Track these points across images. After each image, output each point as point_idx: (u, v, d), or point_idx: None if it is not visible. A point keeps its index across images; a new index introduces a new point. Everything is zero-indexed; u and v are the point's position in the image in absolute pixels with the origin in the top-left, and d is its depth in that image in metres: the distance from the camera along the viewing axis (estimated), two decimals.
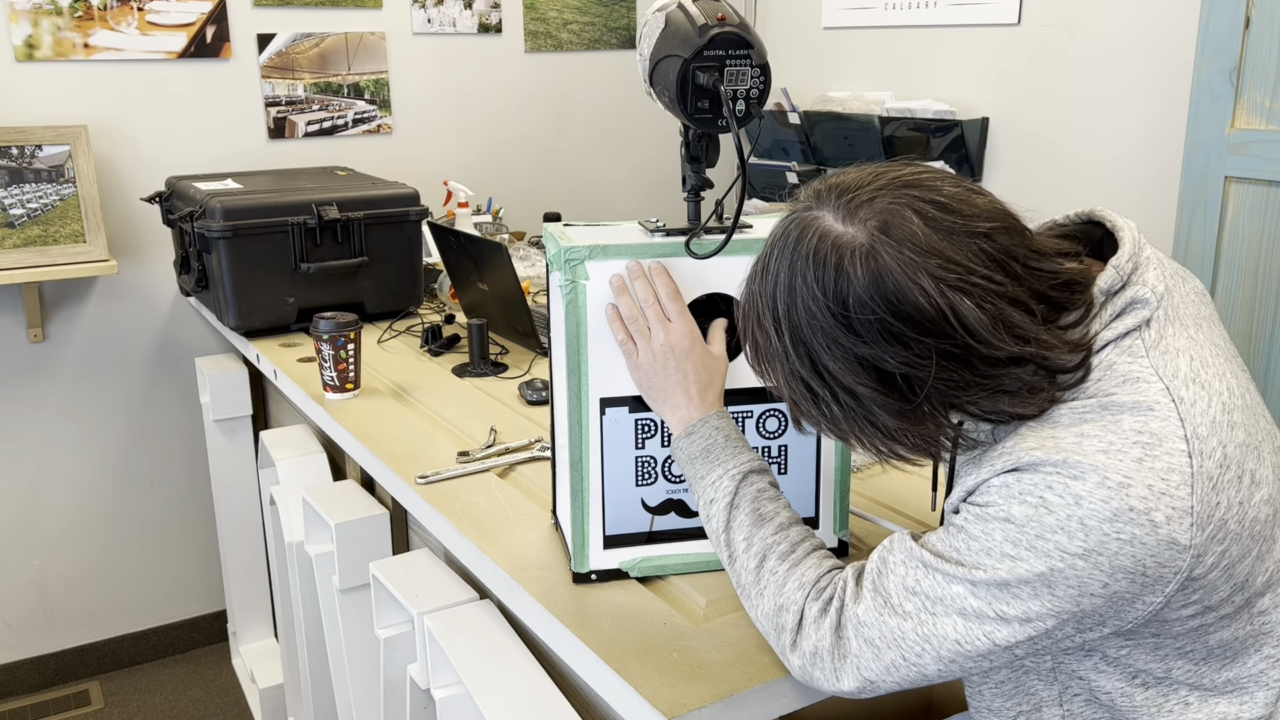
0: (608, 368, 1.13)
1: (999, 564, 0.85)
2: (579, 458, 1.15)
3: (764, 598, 0.98)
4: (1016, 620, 0.85)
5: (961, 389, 0.86)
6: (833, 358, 0.87)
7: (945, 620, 0.87)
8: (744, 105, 1.09)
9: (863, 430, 0.91)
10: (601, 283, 1.11)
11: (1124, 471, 0.82)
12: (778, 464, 1.20)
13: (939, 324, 0.83)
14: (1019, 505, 0.84)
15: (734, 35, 1.07)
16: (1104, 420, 0.85)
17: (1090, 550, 0.82)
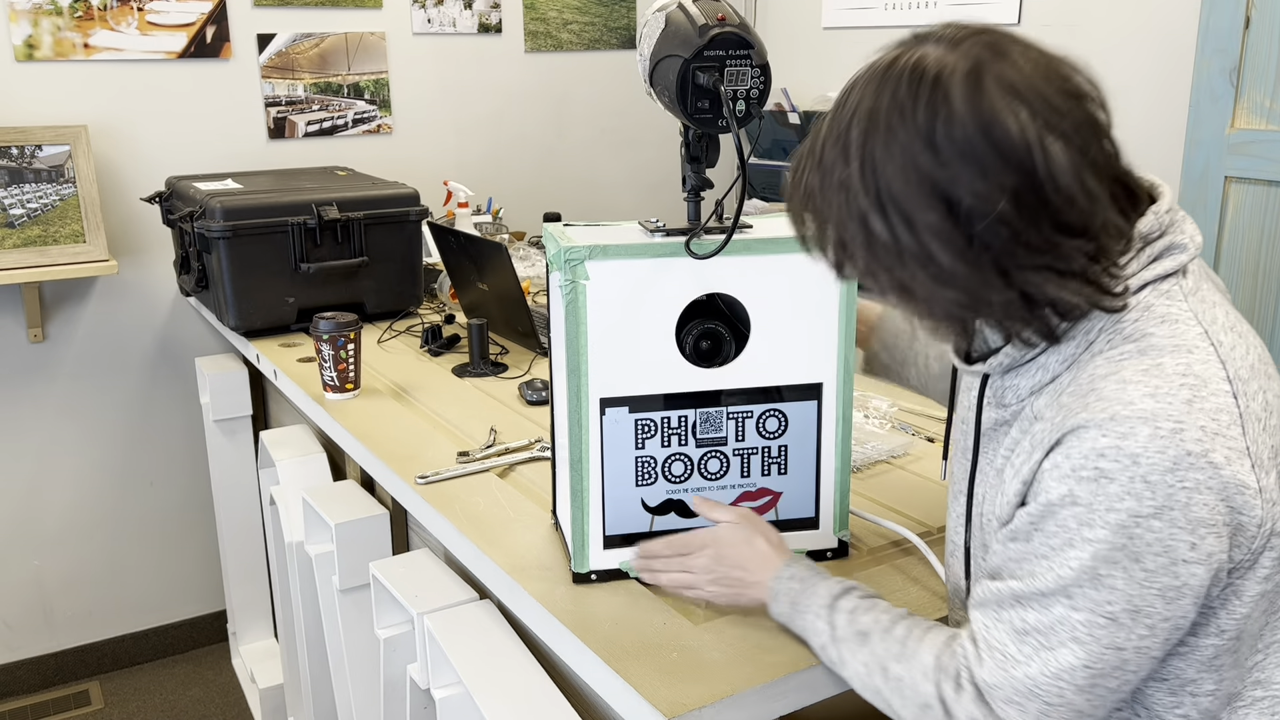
0: (607, 367, 1.13)
1: (1080, 551, 0.81)
2: (579, 458, 1.15)
3: (909, 707, 0.93)
4: (1125, 615, 0.81)
5: (1020, 246, 0.81)
6: (905, 181, 0.82)
7: (1064, 650, 0.83)
8: (744, 105, 1.09)
9: (908, 272, 0.85)
10: (601, 282, 1.10)
11: (1175, 416, 0.79)
12: (778, 464, 1.20)
13: (1025, 159, 0.80)
14: (1079, 483, 0.81)
15: (734, 35, 1.07)
16: (1144, 363, 0.82)
17: (1161, 508, 0.78)
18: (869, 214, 0.84)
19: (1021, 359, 0.91)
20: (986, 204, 0.80)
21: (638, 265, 1.11)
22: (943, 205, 0.81)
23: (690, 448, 1.18)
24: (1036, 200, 0.80)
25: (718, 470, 1.19)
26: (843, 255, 0.89)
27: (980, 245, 0.82)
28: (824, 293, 1.14)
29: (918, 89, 0.82)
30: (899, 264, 0.85)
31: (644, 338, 1.13)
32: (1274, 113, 1.79)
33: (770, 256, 1.13)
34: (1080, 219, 0.82)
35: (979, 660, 0.88)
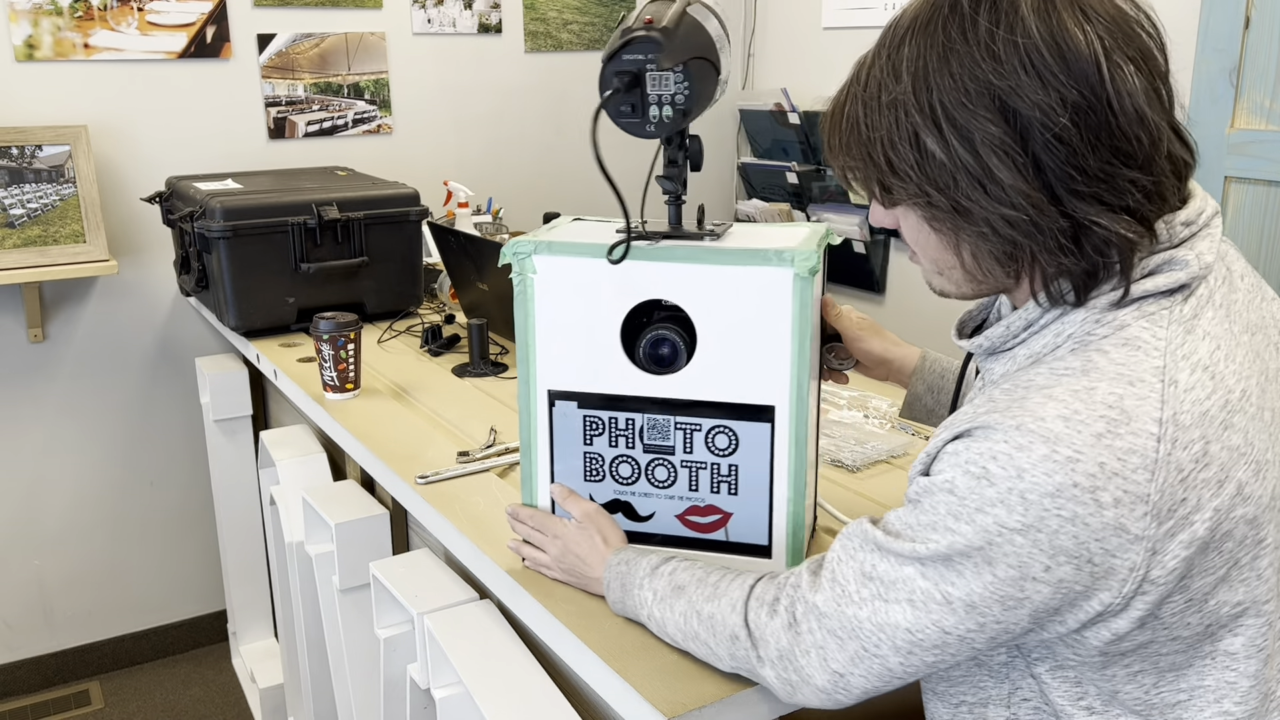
0: (556, 361, 1.17)
1: (941, 537, 0.81)
2: (528, 444, 1.21)
3: (719, 645, 0.97)
4: (961, 605, 0.81)
5: (1076, 170, 0.78)
6: (963, 92, 0.79)
7: (896, 608, 0.84)
8: (670, 111, 1.07)
9: (962, 192, 0.81)
10: (548, 277, 1.14)
11: (1076, 445, 0.76)
12: (727, 483, 1.15)
13: (1092, 74, 0.77)
14: (963, 475, 0.80)
15: (650, 40, 1.04)
16: (1078, 385, 0.79)
17: (1029, 526, 0.77)
18: (921, 130, 0.81)
19: (1001, 344, 0.90)
20: (1048, 117, 0.77)
21: (585, 264, 1.13)
22: (1002, 117, 0.78)
23: (638, 452, 1.17)
24: (1098, 120, 0.78)
25: (665, 479, 1.17)
26: (892, 179, 0.85)
27: (1037, 164, 0.79)
28: (775, 312, 1.07)
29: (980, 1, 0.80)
30: (953, 184, 0.81)
31: (594, 336, 1.15)
32: (1274, 113, 1.79)
33: (717, 267, 1.08)
34: (1140, 150, 0.79)
35: (815, 587, 0.90)
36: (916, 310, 2.88)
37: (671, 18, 1.06)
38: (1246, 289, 0.90)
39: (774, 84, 3.20)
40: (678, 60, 1.05)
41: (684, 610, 1.01)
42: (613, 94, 1.05)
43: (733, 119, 3.34)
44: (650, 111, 1.07)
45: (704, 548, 1.17)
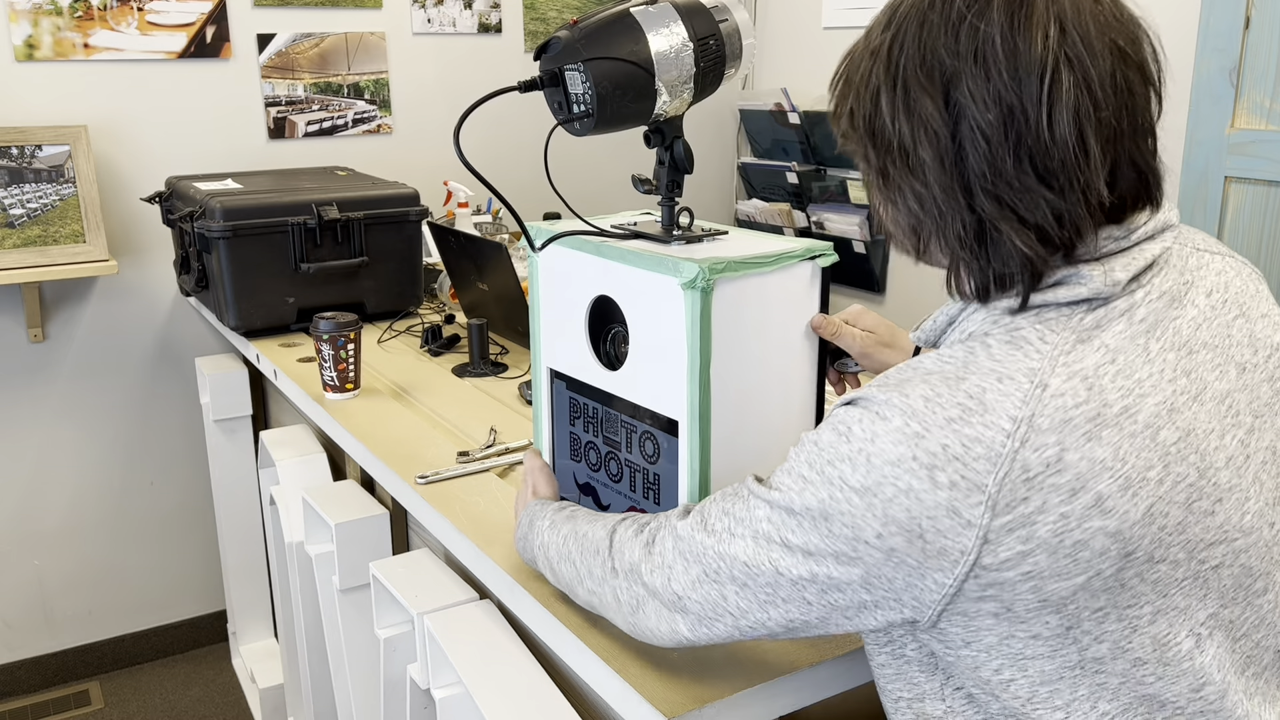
0: (551, 341, 1.23)
1: (793, 485, 0.84)
2: (537, 412, 1.29)
3: (583, 561, 1.02)
4: (799, 551, 0.83)
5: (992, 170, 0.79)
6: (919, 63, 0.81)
7: (740, 541, 0.87)
8: (582, 108, 1.08)
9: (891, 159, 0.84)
10: (548, 262, 1.21)
11: (926, 424, 0.78)
12: (653, 490, 1.14)
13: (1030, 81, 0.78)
14: (829, 432, 0.83)
15: (558, 41, 1.07)
16: (952, 373, 0.80)
17: (867, 488, 0.79)
18: (882, 88, 0.84)
19: (931, 337, 0.92)
20: (979, 110, 0.79)
21: (570, 254, 1.17)
22: (942, 97, 0.80)
23: (600, 442, 1.20)
24: (1025, 129, 0.78)
25: (616, 473, 1.18)
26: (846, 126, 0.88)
27: (959, 153, 0.80)
28: (673, 324, 1.05)
29: None
30: (887, 148, 0.84)
31: (572, 323, 1.19)
32: (1274, 113, 1.79)
33: (633, 270, 1.08)
34: (1060, 173, 0.78)
35: (682, 514, 0.95)
36: (916, 310, 2.88)
37: (595, 20, 1.07)
38: (1207, 307, 0.87)
39: (774, 84, 3.20)
40: (577, 60, 1.06)
41: (567, 533, 1.06)
42: (523, 87, 1.08)
43: (733, 119, 3.35)
44: (572, 109, 1.09)
45: None
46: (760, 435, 1.10)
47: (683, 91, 1.11)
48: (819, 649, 1.06)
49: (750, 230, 1.19)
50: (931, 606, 0.82)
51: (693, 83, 1.11)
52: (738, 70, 1.16)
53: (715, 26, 1.12)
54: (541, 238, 1.18)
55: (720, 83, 1.15)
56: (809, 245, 1.10)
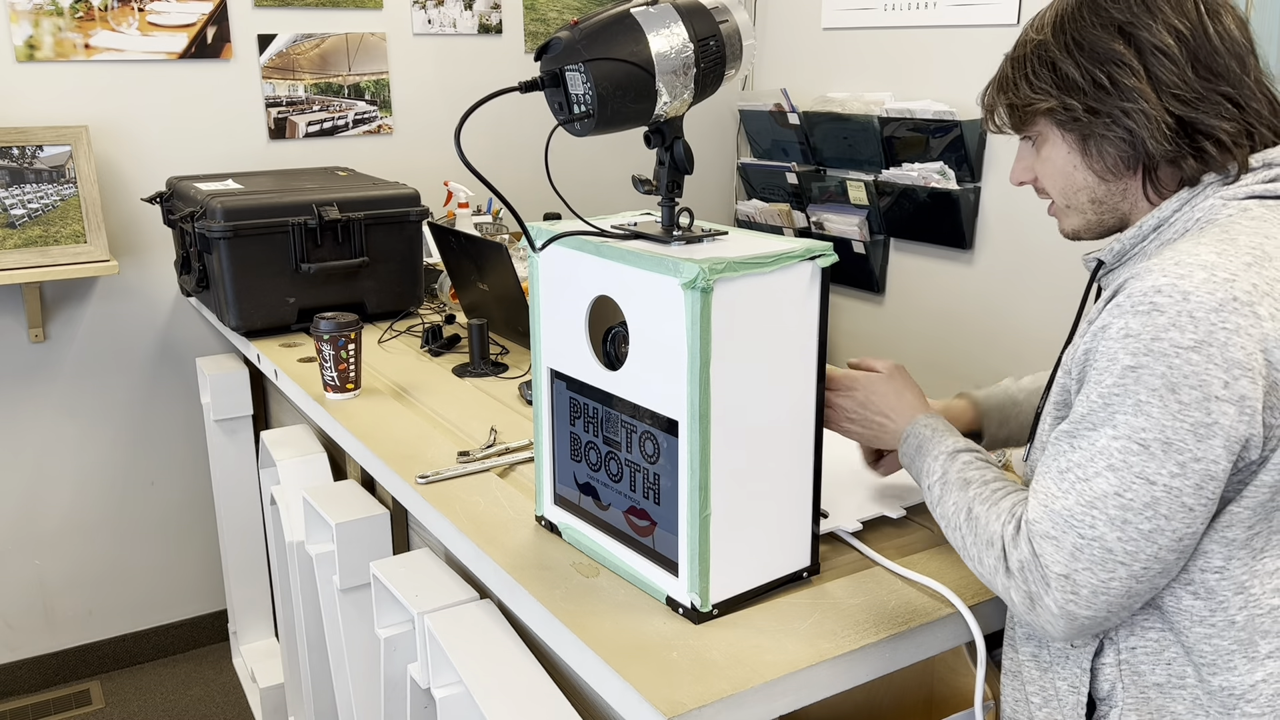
0: (552, 342, 1.23)
1: (1125, 379, 0.89)
2: (538, 411, 1.28)
3: (978, 544, 1.01)
4: (1158, 445, 0.87)
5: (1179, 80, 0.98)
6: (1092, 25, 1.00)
7: (1098, 479, 0.90)
8: (583, 109, 1.08)
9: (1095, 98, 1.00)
10: (548, 262, 1.21)
11: (1231, 269, 0.88)
12: (653, 490, 1.13)
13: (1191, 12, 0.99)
14: (1133, 317, 0.89)
15: (560, 43, 1.07)
16: (1221, 237, 0.92)
17: (1200, 341, 0.86)
18: (1058, 59, 1.02)
19: (1132, 246, 1.02)
20: (1156, 38, 0.98)
21: (570, 255, 1.17)
22: (1122, 39, 0.99)
23: (600, 442, 1.20)
24: (1197, 45, 0.98)
25: (616, 473, 1.18)
26: (1032, 96, 1.04)
27: (1149, 72, 0.98)
28: (673, 324, 1.05)
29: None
30: (1085, 90, 1.00)
31: (572, 323, 1.20)
32: None
33: (633, 270, 1.08)
34: (1230, 72, 0.98)
35: (1028, 505, 0.96)
36: (916, 310, 2.88)
37: (595, 20, 1.08)
38: None
39: (774, 84, 3.20)
40: (578, 61, 1.06)
41: (958, 502, 1.06)
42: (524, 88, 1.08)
43: (733, 119, 3.35)
44: (573, 109, 1.09)
45: (641, 550, 1.17)
46: (760, 435, 1.10)
47: (683, 92, 1.11)
48: (818, 649, 1.06)
49: (750, 230, 1.20)
50: (1257, 441, 0.89)
51: (693, 83, 1.12)
52: (738, 71, 1.16)
53: (715, 27, 1.12)
54: (542, 238, 1.18)
55: (720, 83, 1.15)
56: (809, 245, 1.10)
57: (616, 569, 1.20)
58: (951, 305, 2.76)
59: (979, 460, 1.10)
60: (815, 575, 1.20)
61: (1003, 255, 2.62)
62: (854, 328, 3.08)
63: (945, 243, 2.72)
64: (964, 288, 2.73)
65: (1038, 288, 2.54)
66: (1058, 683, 1.03)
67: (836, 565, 1.24)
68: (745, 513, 1.11)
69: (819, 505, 1.19)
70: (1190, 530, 0.90)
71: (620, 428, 1.16)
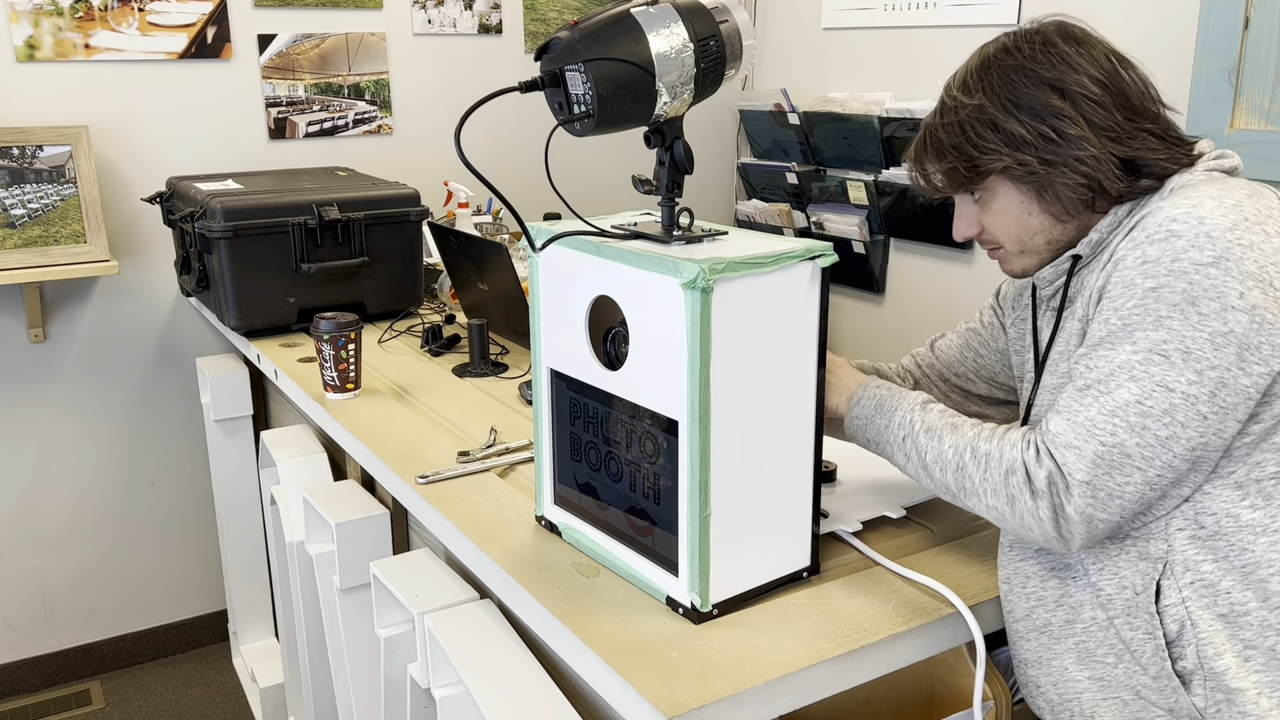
0: (552, 342, 1.24)
1: (1146, 299, 0.96)
2: (538, 411, 1.29)
3: (990, 478, 1.05)
4: (1177, 353, 0.95)
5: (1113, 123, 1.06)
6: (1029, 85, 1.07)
7: (1120, 390, 0.97)
8: (583, 109, 1.08)
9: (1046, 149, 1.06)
10: (549, 262, 1.21)
11: (1235, 198, 0.97)
12: (653, 490, 1.13)
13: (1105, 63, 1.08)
14: (1150, 245, 0.97)
15: (558, 41, 1.07)
16: (1211, 185, 1.01)
17: (1219, 257, 0.94)
18: (999, 119, 1.08)
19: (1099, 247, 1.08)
20: (1085, 89, 1.06)
21: (570, 255, 1.17)
22: (1057, 94, 1.07)
23: (600, 442, 1.20)
24: (1117, 90, 1.07)
25: (616, 473, 1.18)
26: (980, 158, 1.09)
27: (1088, 120, 1.06)
28: (674, 323, 1.05)
29: (1017, 37, 1.11)
30: (1036, 146, 1.07)
31: (572, 323, 1.19)
32: (1273, 113, 1.79)
33: (633, 270, 1.08)
34: (1146, 111, 1.08)
35: (1048, 422, 1.02)
36: (916, 310, 2.88)
37: (595, 20, 1.07)
38: None
39: (774, 84, 3.20)
40: (578, 61, 1.06)
41: (955, 443, 1.09)
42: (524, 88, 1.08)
43: (733, 119, 3.35)
44: (573, 109, 1.09)
45: (641, 550, 1.17)
46: (760, 435, 1.10)
47: (683, 92, 1.11)
48: (818, 649, 1.06)
49: (750, 230, 1.20)
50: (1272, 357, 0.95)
51: (693, 83, 1.12)
52: (738, 71, 1.16)
53: (716, 27, 1.12)
54: (542, 238, 1.18)
55: (720, 83, 1.15)
56: (809, 245, 1.10)
57: (616, 569, 1.20)
58: (951, 305, 2.76)
59: (950, 409, 1.15)
60: (815, 575, 1.20)
61: None
62: (854, 328, 3.08)
63: (945, 243, 2.72)
64: (964, 288, 2.73)
65: None
66: (1126, 633, 1.04)
67: (836, 565, 1.24)
68: (745, 513, 1.11)
69: (819, 505, 1.19)
70: (1203, 440, 0.96)
71: (620, 428, 1.16)
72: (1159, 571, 1.01)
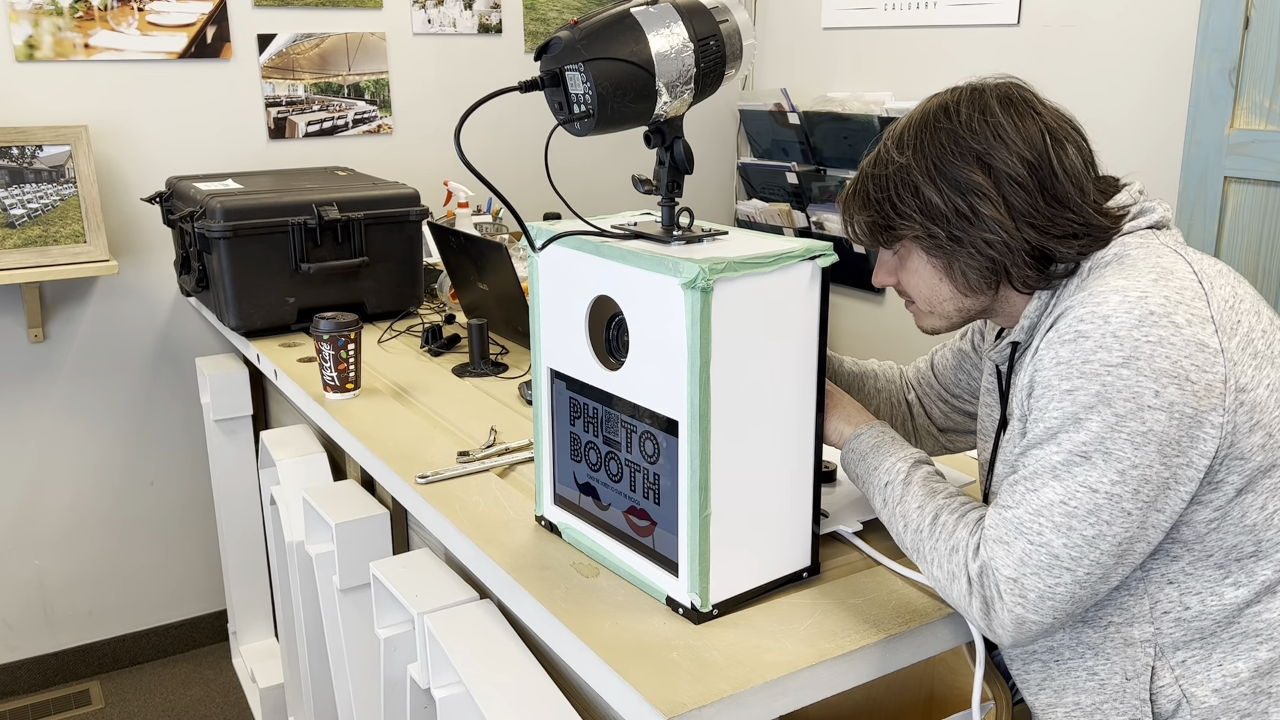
0: (552, 342, 1.24)
1: (1063, 402, 0.96)
2: (537, 411, 1.29)
3: (937, 549, 1.06)
4: (1098, 455, 0.94)
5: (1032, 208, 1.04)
6: (955, 154, 1.05)
7: (1045, 489, 0.97)
8: (583, 109, 1.08)
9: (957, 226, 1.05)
10: (549, 261, 1.21)
11: (1140, 289, 0.96)
12: (653, 490, 1.13)
13: (1039, 143, 1.05)
14: (1062, 346, 0.97)
15: (558, 41, 1.07)
16: (1121, 269, 1.00)
17: (1128, 357, 0.93)
18: (921, 184, 1.06)
19: (1030, 332, 1.09)
20: (1011, 169, 1.04)
21: (570, 255, 1.17)
22: (981, 169, 1.05)
23: (600, 441, 1.20)
24: (1044, 174, 1.05)
25: (616, 473, 1.18)
26: (897, 221, 1.09)
27: (1007, 202, 1.04)
28: (674, 323, 1.05)
29: (960, 96, 1.08)
30: (948, 219, 1.06)
31: (572, 323, 1.19)
32: (1273, 113, 1.79)
33: (633, 270, 1.08)
34: (1069, 199, 1.05)
35: (988, 514, 1.03)
36: None
37: (595, 20, 1.07)
38: None
39: (774, 84, 3.20)
40: (578, 61, 1.06)
41: (922, 505, 1.10)
42: (524, 87, 1.08)
43: (733, 119, 3.35)
44: (573, 109, 1.09)
45: (640, 550, 1.17)
46: (760, 435, 1.10)
47: (683, 92, 1.11)
48: (818, 649, 1.06)
49: (750, 230, 1.19)
50: (1216, 455, 0.96)
51: (693, 83, 1.11)
52: (738, 71, 1.16)
53: (716, 27, 1.12)
54: (542, 238, 1.18)
55: (720, 83, 1.15)
56: (809, 245, 1.10)
57: (616, 569, 1.20)
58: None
59: (939, 475, 1.15)
60: (815, 575, 1.20)
61: None
62: (854, 328, 3.08)
63: None
64: None
65: None
66: (1115, 718, 1.05)
67: (836, 565, 1.24)
68: (745, 513, 1.11)
69: (819, 505, 1.19)
70: (1128, 535, 0.96)
71: (620, 428, 1.16)
72: (1150, 656, 1.02)
